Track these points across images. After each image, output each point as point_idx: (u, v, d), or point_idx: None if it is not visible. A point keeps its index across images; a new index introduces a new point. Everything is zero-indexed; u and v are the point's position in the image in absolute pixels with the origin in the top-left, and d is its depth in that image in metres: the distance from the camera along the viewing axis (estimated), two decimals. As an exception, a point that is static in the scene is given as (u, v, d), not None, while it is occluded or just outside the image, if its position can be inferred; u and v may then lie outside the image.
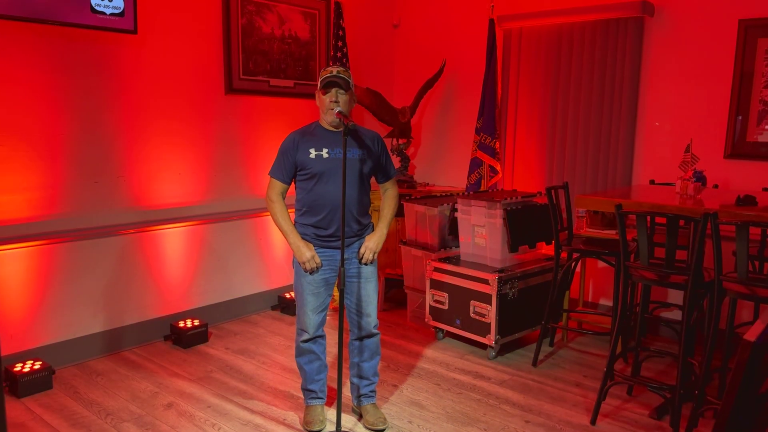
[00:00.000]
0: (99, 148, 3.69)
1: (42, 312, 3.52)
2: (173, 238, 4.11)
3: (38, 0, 3.18)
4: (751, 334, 1.14)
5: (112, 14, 3.47)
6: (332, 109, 2.73)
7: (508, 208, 3.87)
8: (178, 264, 4.16)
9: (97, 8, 3.40)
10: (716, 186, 3.88)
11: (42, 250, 3.49)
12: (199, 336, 4.01)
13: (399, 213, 4.45)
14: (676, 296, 4.15)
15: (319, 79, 2.76)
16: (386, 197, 2.97)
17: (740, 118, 3.88)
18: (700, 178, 3.39)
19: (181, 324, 4.01)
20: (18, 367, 3.29)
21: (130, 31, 3.58)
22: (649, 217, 2.92)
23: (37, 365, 3.33)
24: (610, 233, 3.66)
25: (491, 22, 4.71)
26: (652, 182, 4.18)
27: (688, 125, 4.08)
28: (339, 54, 4.70)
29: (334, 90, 2.73)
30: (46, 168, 3.48)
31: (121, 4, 3.49)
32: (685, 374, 2.92)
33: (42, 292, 3.51)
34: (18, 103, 3.34)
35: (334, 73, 2.74)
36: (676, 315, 4.10)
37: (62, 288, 3.59)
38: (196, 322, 4.05)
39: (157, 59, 3.90)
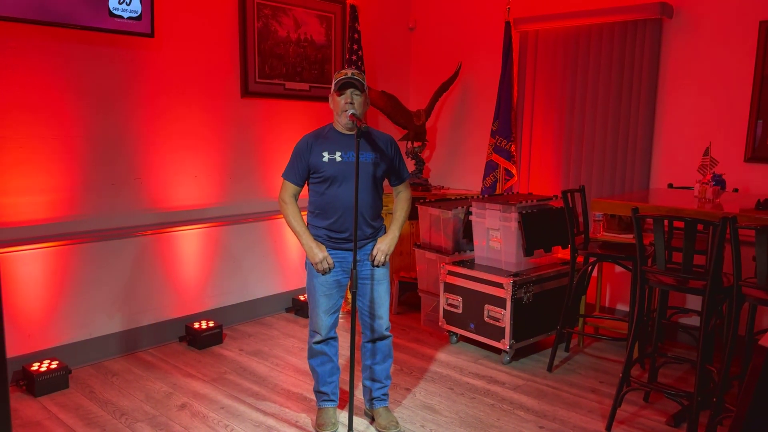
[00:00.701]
0: (116, 150, 3.73)
1: (59, 312, 3.56)
2: (189, 240, 4.14)
3: (57, 4, 3.22)
4: (766, 340, 1.11)
5: (129, 18, 3.51)
6: (346, 111, 2.73)
7: (524, 212, 3.84)
8: (193, 266, 4.19)
9: (114, 12, 3.44)
10: (736, 190, 3.81)
11: (60, 251, 3.54)
12: (214, 337, 4.03)
13: (413, 216, 4.44)
14: (694, 302, 4.09)
15: (334, 82, 2.77)
16: (399, 200, 2.96)
17: (761, 121, 3.82)
18: (720, 182, 3.34)
19: (196, 325, 4.04)
20: (35, 367, 3.33)
21: (148, 35, 3.62)
22: (666, 221, 2.88)
23: (54, 365, 3.37)
24: (627, 237, 3.62)
25: (507, 24, 4.69)
26: (670, 186, 4.12)
27: (707, 128, 4.02)
28: (354, 57, 4.71)
29: (349, 91, 2.73)
30: (65, 170, 3.52)
31: (139, 8, 3.53)
32: (704, 381, 2.87)
33: (59, 293, 3.56)
34: (37, 106, 3.38)
35: (349, 75, 2.74)
36: (694, 321, 4.04)
37: (79, 289, 3.63)
38: (211, 324, 4.08)
39: (174, 62, 3.94)
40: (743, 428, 1.10)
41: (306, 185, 2.88)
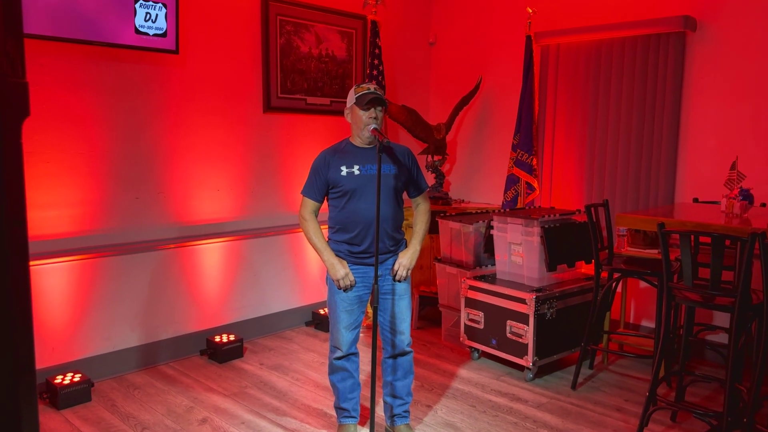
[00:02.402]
0: (140, 164, 3.78)
1: (82, 325, 3.61)
2: (210, 254, 4.17)
3: (85, 22, 3.30)
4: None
5: (155, 35, 3.57)
6: (368, 125, 2.73)
7: (546, 226, 3.81)
8: (214, 279, 4.21)
9: (140, 29, 3.50)
10: (764, 204, 3.74)
11: (83, 265, 3.58)
12: (235, 351, 4.04)
13: (433, 230, 4.43)
14: (721, 318, 4.00)
15: (355, 95, 2.76)
16: (418, 212, 2.95)
17: (789, 134, 3.75)
18: (747, 197, 3.28)
19: (217, 339, 4.05)
20: (58, 380, 3.36)
21: (172, 51, 3.68)
22: (693, 236, 2.83)
23: (77, 378, 3.40)
24: (652, 252, 3.57)
25: (528, 38, 4.69)
26: (695, 200, 4.06)
27: (733, 142, 3.96)
28: (375, 72, 4.74)
29: (375, 107, 2.73)
30: (90, 184, 3.58)
31: (164, 25, 3.59)
32: (733, 401, 2.81)
33: (82, 306, 3.60)
34: (64, 121, 3.45)
35: (372, 89, 2.74)
36: (722, 338, 3.96)
37: (102, 302, 3.67)
38: (232, 337, 4.09)
39: (198, 78, 4.00)
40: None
41: (326, 201, 2.89)
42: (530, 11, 4.67)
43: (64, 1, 3.20)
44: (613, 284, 3.76)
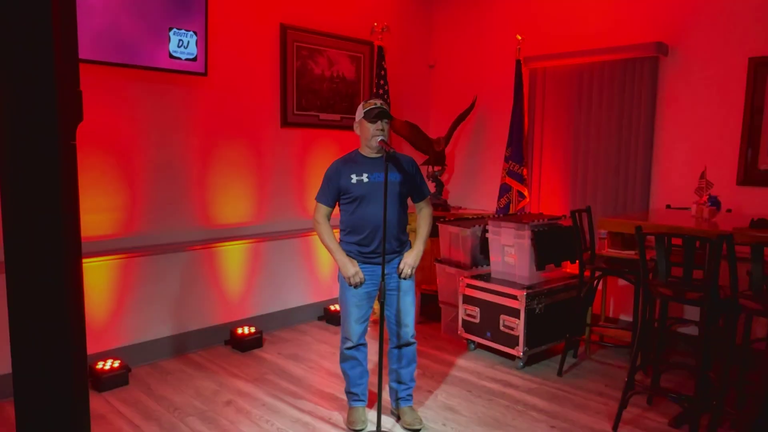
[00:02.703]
0: (173, 174, 3.83)
1: (121, 317, 3.65)
2: (233, 255, 4.21)
3: (125, 47, 3.36)
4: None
5: (186, 59, 3.63)
6: (376, 137, 2.76)
7: (536, 230, 3.84)
8: (237, 277, 4.26)
9: (174, 54, 3.56)
10: (729, 210, 3.78)
11: (122, 263, 3.63)
12: (255, 342, 4.08)
13: (434, 233, 4.45)
14: (693, 312, 4.03)
15: (364, 110, 2.78)
16: (421, 216, 2.97)
17: (750, 149, 3.79)
18: (715, 203, 3.32)
19: (239, 331, 4.09)
20: (100, 366, 3.40)
21: (202, 74, 3.73)
22: (666, 238, 2.87)
23: (116, 364, 3.45)
24: (630, 253, 3.60)
25: (518, 62, 4.74)
26: (668, 207, 4.09)
27: (702, 154, 4.00)
28: (381, 91, 4.79)
29: (382, 120, 2.77)
30: (128, 191, 3.63)
31: (195, 51, 3.65)
32: (703, 386, 2.83)
33: (121, 300, 3.64)
34: (104, 135, 3.51)
35: (378, 104, 2.77)
36: (693, 330, 3.98)
37: (139, 297, 3.72)
38: (252, 329, 4.12)
39: (224, 97, 4.05)
40: (754, 427, 1.10)
41: (337, 206, 2.92)
42: (519, 38, 4.72)
43: (107, 30, 3.26)
44: (595, 282, 3.79)
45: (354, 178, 2.80)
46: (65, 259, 1.02)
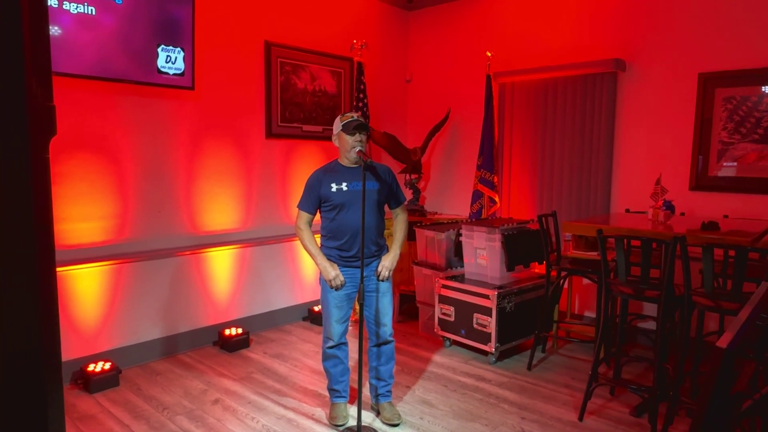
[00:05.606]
0: (161, 183, 3.77)
1: (112, 321, 3.56)
2: (221, 259, 4.15)
3: (116, 63, 3.29)
4: (723, 342, 1.11)
5: (174, 74, 3.57)
6: (354, 148, 2.75)
7: (506, 233, 3.85)
8: (224, 281, 4.19)
9: (162, 69, 3.50)
10: (683, 214, 3.83)
11: (114, 269, 3.55)
12: (242, 342, 4.02)
13: (411, 237, 4.45)
14: (650, 308, 4.07)
15: (342, 123, 2.76)
16: (398, 221, 2.95)
17: (701, 156, 3.86)
18: (670, 207, 3.36)
19: (227, 332, 4.02)
20: (90, 367, 3.32)
21: (189, 88, 3.68)
22: (626, 240, 2.89)
23: (107, 366, 3.36)
24: (593, 254, 3.63)
25: (488, 77, 4.76)
26: (627, 210, 4.14)
27: (657, 162, 4.06)
28: (360, 104, 4.77)
29: (360, 132, 2.75)
30: (118, 200, 3.56)
31: (182, 66, 3.60)
32: (661, 377, 2.86)
33: (112, 304, 3.56)
34: (95, 147, 3.43)
35: (355, 117, 2.75)
36: (651, 325, 4.02)
37: (129, 301, 3.64)
38: (240, 330, 4.06)
39: (210, 110, 4.00)
40: (704, 422, 1.10)
41: (318, 213, 2.89)
42: (489, 55, 4.75)
43: (98, 47, 3.20)
44: (561, 281, 3.81)
45: (334, 187, 2.78)
46: (38, 271, 0.97)
